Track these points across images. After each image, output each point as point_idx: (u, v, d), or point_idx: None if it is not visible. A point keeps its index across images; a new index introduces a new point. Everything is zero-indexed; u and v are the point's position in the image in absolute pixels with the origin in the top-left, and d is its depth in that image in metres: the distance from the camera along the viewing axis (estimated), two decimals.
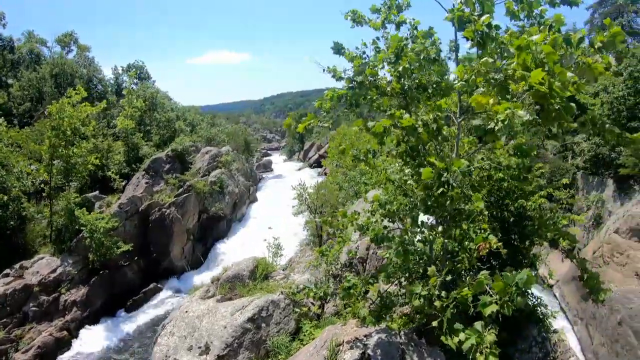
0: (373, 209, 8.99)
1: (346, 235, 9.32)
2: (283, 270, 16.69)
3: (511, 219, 10.79)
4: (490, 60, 6.20)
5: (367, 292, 8.79)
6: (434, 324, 6.55)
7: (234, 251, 35.79)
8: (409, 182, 9.02)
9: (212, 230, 39.85)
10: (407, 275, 8.91)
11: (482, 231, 7.62)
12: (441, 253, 8.53)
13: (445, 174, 6.14)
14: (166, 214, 33.41)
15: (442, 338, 6.16)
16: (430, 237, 8.12)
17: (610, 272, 23.41)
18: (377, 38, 8.84)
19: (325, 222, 10.01)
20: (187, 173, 38.41)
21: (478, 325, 5.44)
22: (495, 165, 10.06)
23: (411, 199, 8.94)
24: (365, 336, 8.36)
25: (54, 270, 26.89)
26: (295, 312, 12.36)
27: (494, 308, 5.17)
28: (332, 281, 13.00)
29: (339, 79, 8.67)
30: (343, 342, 8.39)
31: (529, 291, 11.48)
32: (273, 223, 41.07)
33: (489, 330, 5.40)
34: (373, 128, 7.13)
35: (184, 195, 35.44)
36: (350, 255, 9.75)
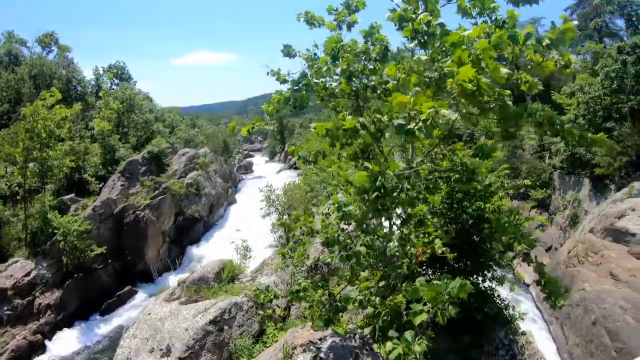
0: (330, 211, 8.51)
1: (305, 238, 9.07)
2: (255, 272, 16.42)
3: (470, 222, 10.59)
4: (424, 57, 6.04)
5: (330, 294, 8.56)
6: (367, 330, 6.34)
7: (211, 253, 35.35)
8: None
9: (188, 232, 39.40)
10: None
11: (426, 235, 7.37)
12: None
13: (380, 178, 5.91)
14: (140, 216, 33.00)
15: (375, 346, 5.94)
16: (378, 240, 7.83)
17: (584, 272, 23.39)
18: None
19: (284, 225, 9.79)
20: (163, 175, 37.92)
21: (408, 334, 5.20)
22: (451, 166, 9.85)
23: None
24: (319, 339, 8.25)
25: (28, 274, 26.51)
26: (259, 314, 12.20)
27: (424, 317, 4.94)
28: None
29: (283, 81, 8.54)
30: (297, 345, 8.29)
31: (496, 293, 11.45)
32: (250, 224, 40.62)
33: (418, 339, 5.15)
34: (315, 130, 6.87)
35: (160, 197, 35.00)
36: (303, 259, 9.51)
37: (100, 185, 35.88)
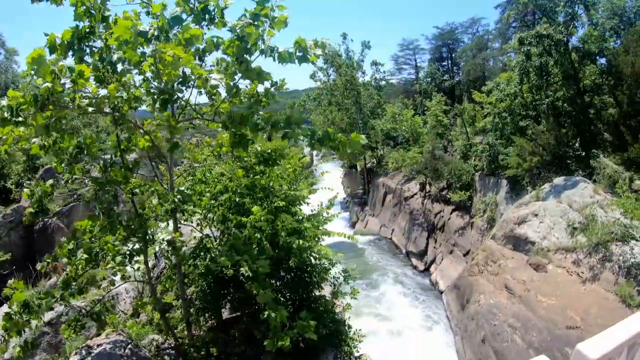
0: None
1: None
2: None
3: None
4: None
5: None
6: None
7: None
8: None
9: None
10: None
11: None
12: None
13: None
14: (48, 223, 30.00)
15: None
16: None
17: (483, 282, 20.01)
18: None
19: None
20: (77, 181, 34.41)
21: None
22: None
23: None
24: (98, 345, 8.04)
25: None
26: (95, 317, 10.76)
27: None
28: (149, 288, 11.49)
29: None
30: (83, 346, 8.16)
31: (325, 315, 10.06)
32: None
33: None
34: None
35: (71, 204, 31.70)
36: None
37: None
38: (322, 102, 49.60)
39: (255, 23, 5.81)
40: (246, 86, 7.01)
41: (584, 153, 24.33)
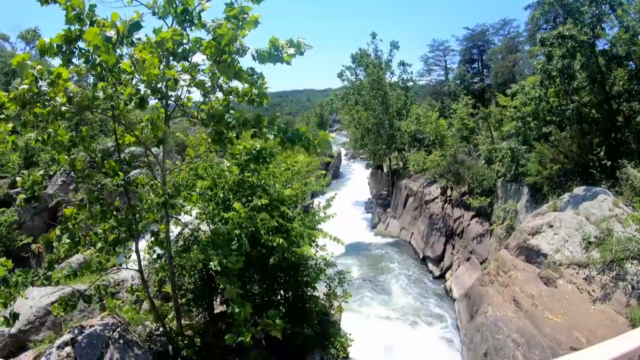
0: None
1: None
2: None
3: None
4: None
5: None
6: None
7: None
8: None
9: None
10: None
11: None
12: None
13: None
14: None
15: None
16: None
17: (492, 293, 19.37)
18: None
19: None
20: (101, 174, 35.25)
21: None
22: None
23: None
24: (90, 326, 8.39)
25: None
26: (96, 302, 11.19)
27: None
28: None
29: None
30: (77, 326, 8.52)
31: (315, 316, 10.26)
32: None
33: None
34: None
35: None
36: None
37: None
38: (349, 102, 49.37)
39: (229, 24, 6.10)
40: (228, 85, 7.24)
41: (609, 162, 23.23)
